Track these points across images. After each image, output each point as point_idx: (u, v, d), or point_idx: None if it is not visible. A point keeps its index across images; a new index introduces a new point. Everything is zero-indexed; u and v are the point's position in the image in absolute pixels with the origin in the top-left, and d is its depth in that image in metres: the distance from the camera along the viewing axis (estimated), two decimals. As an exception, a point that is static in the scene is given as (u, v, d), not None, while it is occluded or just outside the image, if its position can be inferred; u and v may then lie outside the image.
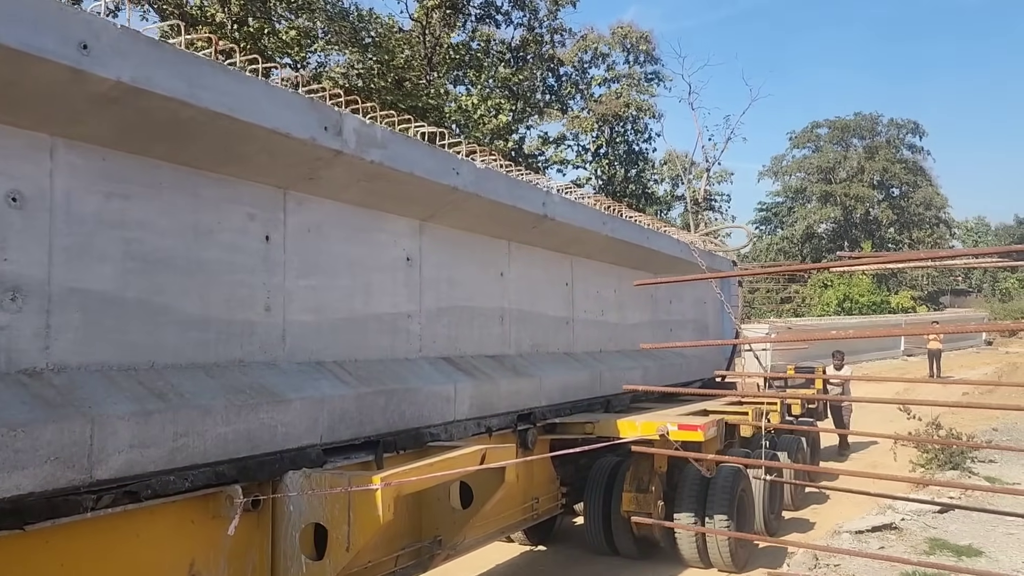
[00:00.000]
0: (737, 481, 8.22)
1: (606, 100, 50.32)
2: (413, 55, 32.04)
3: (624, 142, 51.67)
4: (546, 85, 47.46)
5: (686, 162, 56.37)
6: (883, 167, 63.91)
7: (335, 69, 28.15)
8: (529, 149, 45.93)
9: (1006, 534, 8.83)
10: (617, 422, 7.41)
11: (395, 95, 26.74)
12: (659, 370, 9.93)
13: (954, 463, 11.95)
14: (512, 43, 40.81)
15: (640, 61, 52.82)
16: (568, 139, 51.00)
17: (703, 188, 55.75)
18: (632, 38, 51.84)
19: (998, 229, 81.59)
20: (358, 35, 27.54)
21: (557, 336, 8.15)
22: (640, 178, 52.42)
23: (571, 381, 7.92)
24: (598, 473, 8.35)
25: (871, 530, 8.95)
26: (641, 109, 51.47)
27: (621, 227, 8.61)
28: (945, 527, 9.20)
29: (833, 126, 66.07)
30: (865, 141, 65.98)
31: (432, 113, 28.36)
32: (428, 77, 32.07)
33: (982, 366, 34.35)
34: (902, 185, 65.70)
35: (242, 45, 23.60)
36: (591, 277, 8.84)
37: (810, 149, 67.14)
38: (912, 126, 66.06)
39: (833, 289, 53.48)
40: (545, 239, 7.69)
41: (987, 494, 9.77)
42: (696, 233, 12.05)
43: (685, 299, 11.09)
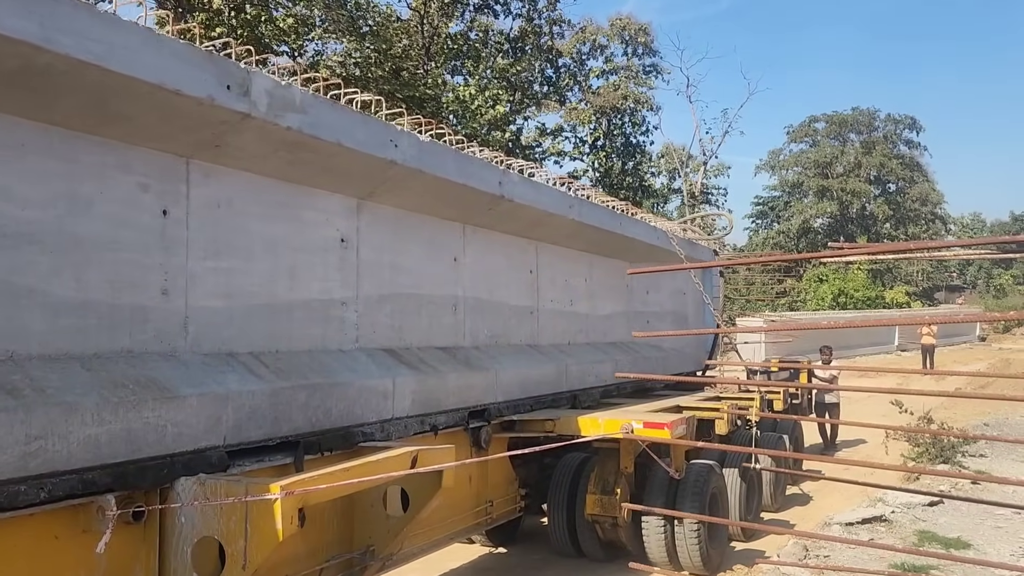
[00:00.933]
0: (708, 481, 7.60)
1: (604, 92, 49.70)
2: (411, 44, 31.62)
3: (622, 134, 51.07)
4: (544, 76, 46.82)
5: (683, 155, 55.68)
6: (880, 162, 63.05)
7: (332, 58, 27.76)
8: (526, 140, 45.36)
9: (994, 527, 8.76)
10: (579, 419, 6.78)
11: (392, 84, 26.42)
12: (632, 363, 9.30)
13: (945, 457, 11.80)
14: (510, 34, 40.34)
15: (638, 53, 52.15)
16: (566, 131, 50.43)
17: (700, 181, 55.07)
18: (630, 30, 51.15)
19: (993, 225, 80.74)
20: (356, 24, 27.18)
21: (520, 327, 7.52)
22: (637, 171, 51.81)
23: (533, 375, 7.30)
24: (562, 472, 7.72)
25: (861, 522, 8.81)
26: (639, 101, 50.85)
27: (590, 211, 7.97)
28: (935, 520, 9.10)
29: (830, 121, 65.18)
30: (862, 136, 65.08)
31: (429, 103, 28.05)
32: (425, 67, 31.68)
33: (975, 362, 33.80)
34: (898, 181, 64.84)
35: (239, 32, 23.10)
36: (559, 264, 8.21)
37: (807, 144, 66.25)
38: (909, 121, 65.19)
39: (828, 284, 52.81)
40: (505, 222, 7.06)
41: (976, 488, 9.75)
42: (676, 221, 11.38)
43: (663, 289, 10.46)
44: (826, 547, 7.87)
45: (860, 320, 34.78)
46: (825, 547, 7.87)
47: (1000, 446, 12.92)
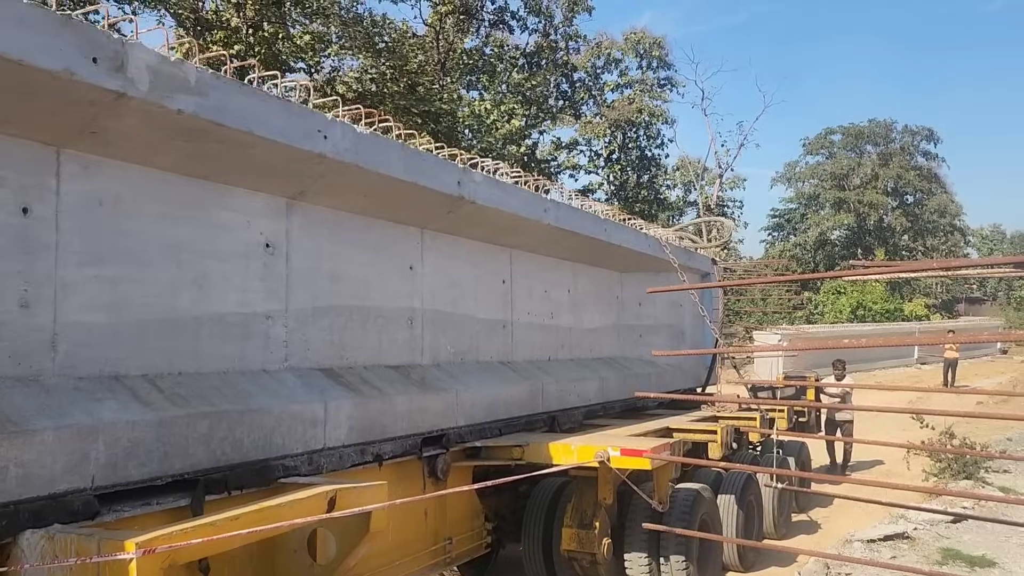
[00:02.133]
0: (696, 508, 6.75)
1: (619, 106, 49.01)
2: (426, 60, 31.42)
3: (636, 147, 50.32)
4: (559, 91, 46.29)
5: (699, 168, 54.75)
6: (897, 174, 61.60)
7: (349, 74, 27.52)
8: (542, 155, 44.77)
9: (1020, 545, 8.47)
10: (550, 446, 5.98)
11: (408, 100, 26.34)
12: (621, 381, 8.47)
13: (968, 473, 11.43)
14: (526, 49, 39.97)
15: (653, 67, 51.43)
16: (580, 144, 49.72)
17: (716, 194, 54.08)
18: (645, 44, 50.48)
19: (1014, 237, 78.77)
20: (372, 40, 27.18)
21: (490, 342, 6.74)
22: (652, 184, 51.06)
23: (503, 395, 6.51)
24: (537, 502, 6.90)
25: (883, 539, 8.55)
26: (654, 115, 50.10)
27: (569, 216, 7.17)
28: (958, 537, 8.81)
29: (847, 132, 63.81)
30: (879, 148, 63.59)
31: (445, 118, 27.83)
32: (441, 82, 31.44)
33: (997, 375, 32.60)
34: (916, 192, 63.34)
35: (256, 50, 22.77)
36: (537, 274, 7.43)
37: (824, 156, 64.87)
38: (927, 133, 63.71)
39: (847, 296, 51.58)
40: (471, 227, 6.29)
41: (1001, 505, 9.29)
42: (672, 228, 10.56)
43: (657, 302, 9.62)
44: (847, 566, 7.49)
45: (879, 337, 33.69)
46: (847, 566, 7.50)
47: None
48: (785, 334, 35.93)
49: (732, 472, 8.11)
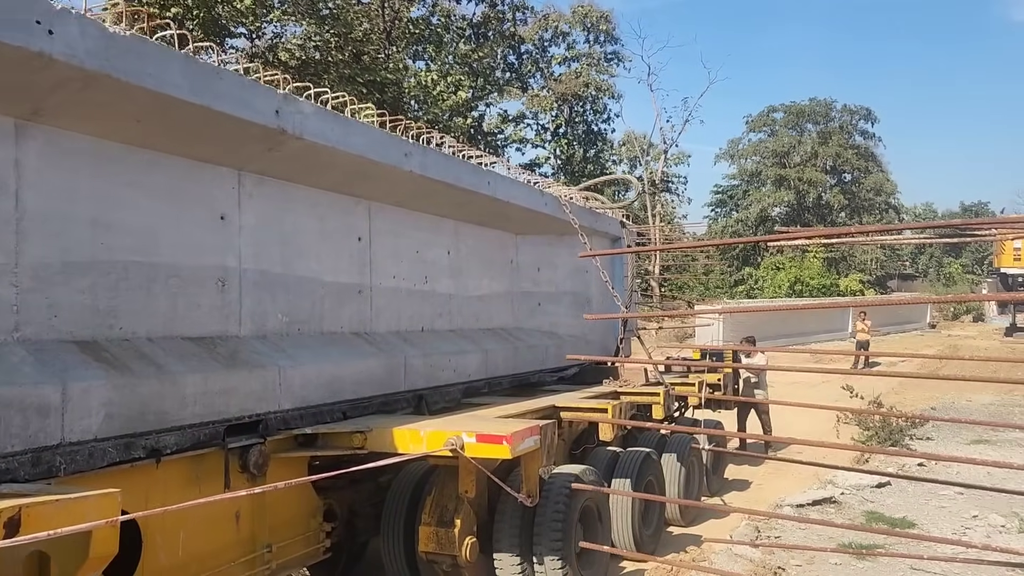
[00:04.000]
0: (572, 503, 5.70)
1: (566, 79, 47.98)
2: (372, 28, 29.98)
3: (583, 122, 49.42)
4: (506, 63, 45.13)
5: (644, 143, 53.86)
6: (836, 152, 61.33)
7: (292, 41, 26.09)
8: (488, 127, 43.60)
9: (938, 507, 8.75)
10: (394, 432, 4.86)
11: (353, 69, 25.21)
12: (512, 354, 7.40)
13: (893, 440, 11.78)
14: (473, 19, 38.67)
15: (600, 41, 50.44)
16: (527, 118, 48.66)
17: (661, 169, 53.28)
18: (592, 17, 49.37)
19: (945, 215, 79.50)
20: (315, 6, 25.66)
21: (340, 310, 5.58)
22: (599, 158, 50.20)
23: (350, 372, 5.36)
24: (398, 494, 5.78)
25: (812, 503, 8.75)
26: (600, 89, 49.19)
27: (438, 163, 6.00)
28: (882, 501, 9.07)
29: (788, 111, 63.27)
30: (819, 126, 63.14)
31: (391, 88, 26.77)
32: (387, 51, 30.09)
33: (925, 348, 32.44)
34: (854, 171, 63.19)
35: (195, 12, 21.09)
36: (406, 232, 6.28)
37: (766, 133, 64.29)
38: (864, 112, 63.40)
39: (785, 272, 51.44)
40: (308, 172, 5.11)
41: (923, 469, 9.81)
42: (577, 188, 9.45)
43: (559, 267, 8.51)
44: (776, 528, 7.70)
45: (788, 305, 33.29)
46: (776, 528, 7.70)
47: (945, 429, 12.93)
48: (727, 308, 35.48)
49: (628, 453, 7.13)
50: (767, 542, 7.26)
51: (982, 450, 11.68)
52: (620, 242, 9.34)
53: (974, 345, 32.60)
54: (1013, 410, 15.87)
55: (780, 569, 6.69)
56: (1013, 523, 7.99)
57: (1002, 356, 20.36)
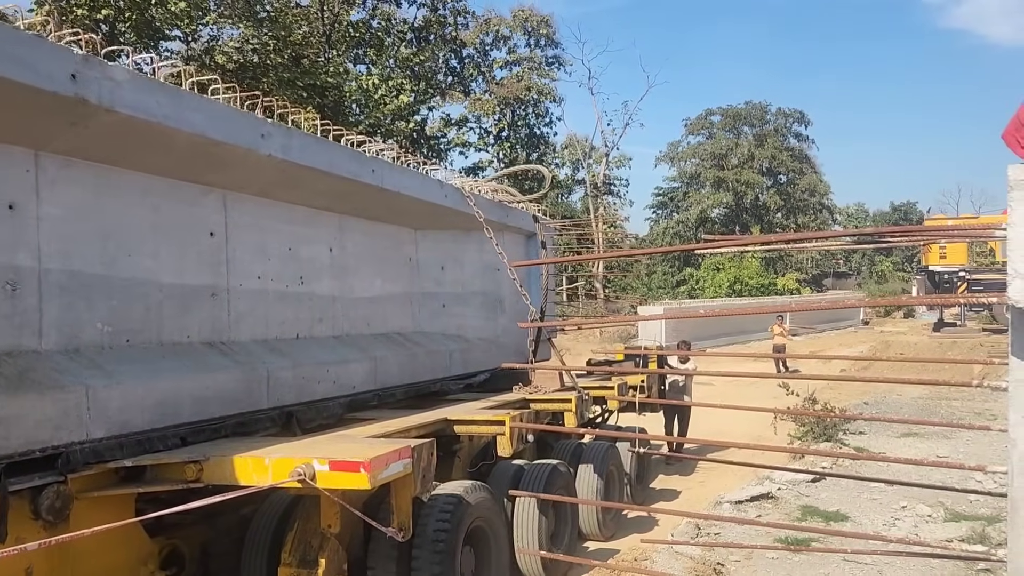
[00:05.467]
0: (456, 528, 4.93)
1: (508, 83, 47.40)
2: (311, 31, 29.08)
3: (526, 125, 48.86)
4: (448, 67, 44.39)
5: (586, 146, 53.57)
6: (771, 154, 61.80)
7: (228, 43, 24.99)
8: (431, 131, 42.72)
9: (870, 500, 8.88)
10: (236, 460, 4.03)
11: (292, 72, 24.46)
12: (408, 361, 6.60)
13: (828, 435, 11.89)
14: (414, 23, 37.88)
15: (541, 45, 50.07)
16: (470, 121, 47.81)
17: (603, 172, 53.03)
18: (533, 21, 48.94)
19: (876, 215, 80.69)
20: (252, 8, 24.84)
21: (187, 317, 4.72)
22: (541, 161, 49.55)
23: (193, 388, 4.50)
24: (260, 529, 4.96)
25: (750, 500, 8.76)
26: (542, 93, 48.73)
27: (306, 147, 5.17)
28: (817, 495, 9.18)
29: (725, 114, 63.56)
30: (755, 129, 63.60)
31: (331, 92, 26.02)
32: (327, 55, 29.14)
33: (859, 344, 32.55)
34: (789, 172, 63.76)
35: (127, 15, 19.86)
36: (273, 226, 5.43)
37: (704, 136, 64.49)
38: (798, 115, 64.05)
39: (724, 272, 51.55)
40: (131, 153, 4.24)
41: (856, 464, 9.95)
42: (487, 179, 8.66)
43: (466, 265, 7.71)
44: (717, 525, 7.73)
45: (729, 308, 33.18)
46: (716, 525, 7.73)
47: (877, 424, 13.03)
48: (668, 308, 35.26)
49: (534, 467, 6.40)
50: (706, 540, 7.32)
51: (911, 443, 11.91)
52: (534, 238, 8.59)
53: (905, 340, 32.76)
54: (940, 403, 15.81)
55: (719, 565, 6.76)
56: (939, 513, 8.26)
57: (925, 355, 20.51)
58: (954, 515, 8.15)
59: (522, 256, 8.53)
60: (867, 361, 22.31)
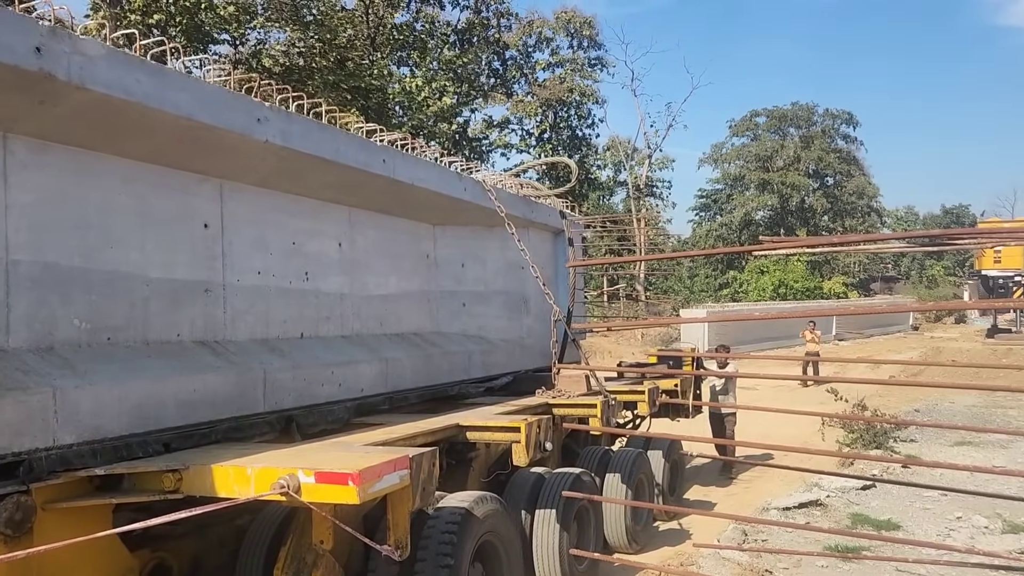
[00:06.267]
0: (463, 544, 4.50)
1: (550, 85, 46.98)
2: (356, 34, 29.22)
3: (568, 127, 48.35)
4: (491, 68, 44.14)
5: (628, 148, 52.85)
6: (818, 156, 60.37)
7: (275, 47, 25.25)
8: (473, 133, 42.62)
9: (923, 508, 8.57)
10: (215, 469, 3.66)
11: (337, 75, 24.70)
12: (423, 363, 6.19)
13: (878, 443, 11.48)
14: (457, 25, 37.81)
15: (584, 46, 49.54)
16: (512, 123, 47.47)
17: (645, 174, 52.28)
18: (576, 23, 48.45)
19: (926, 218, 78.36)
20: (299, 12, 24.89)
21: (176, 314, 4.38)
22: (583, 163, 49.05)
23: (179, 390, 4.14)
24: (255, 543, 4.61)
25: (798, 506, 8.54)
26: (584, 94, 48.17)
27: (308, 133, 4.79)
28: (867, 503, 8.88)
29: (771, 115, 62.29)
30: (801, 130, 62.21)
31: (375, 94, 26.10)
32: (371, 57, 29.20)
33: (908, 350, 31.34)
34: (836, 174, 62.24)
35: (178, 20, 20.17)
36: (274, 219, 5.06)
37: (749, 137, 63.26)
38: (846, 116, 62.52)
39: (769, 275, 50.41)
40: (112, 136, 3.91)
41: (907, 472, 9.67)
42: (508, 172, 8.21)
43: (489, 263, 7.26)
44: (764, 531, 7.61)
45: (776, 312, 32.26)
46: (763, 531, 7.61)
47: (929, 431, 12.66)
48: (711, 311, 34.56)
49: (555, 476, 5.96)
50: (754, 546, 7.14)
51: (965, 452, 11.41)
52: (562, 235, 8.13)
53: (956, 347, 31.46)
54: (995, 412, 15.12)
55: (768, 572, 6.57)
56: (996, 524, 7.89)
57: (978, 362, 19.72)
58: (1012, 526, 7.74)
59: (549, 254, 8.09)
60: (918, 366, 21.42)
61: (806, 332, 21.59)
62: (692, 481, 10.19)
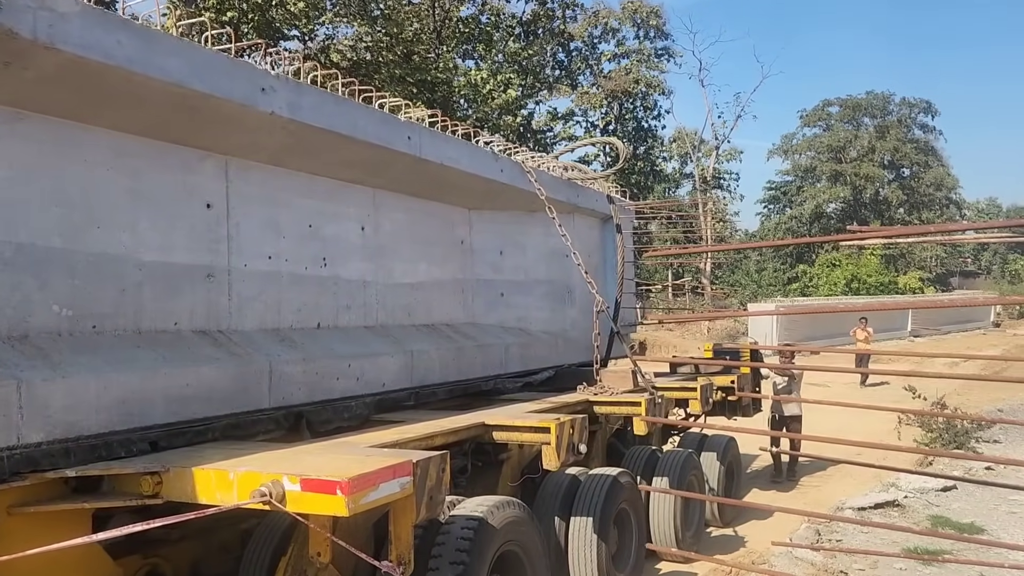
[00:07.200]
0: (479, 554, 4.02)
1: (616, 76, 46.10)
2: (422, 28, 29.14)
3: (633, 119, 47.35)
4: (556, 60, 43.55)
5: (695, 140, 51.50)
6: (894, 147, 57.69)
7: (343, 42, 25.51)
8: (537, 125, 42.08)
9: (1008, 512, 8.18)
10: (197, 472, 3.26)
11: (403, 68, 24.67)
12: (454, 356, 5.71)
13: (959, 442, 10.87)
14: (523, 17, 37.41)
15: (650, 36, 48.40)
16: (577, 115, 46.75)
17: (712, 166, 50.90)
18: (642, 13, 47.40)
19: (1009, 210, 74.10)
20: (367, 7, 24.98)
21: (173, 300, 4.00)
22: (649, 155, 48.01)
23: (168, 384, 3.75)
24: (258, 550, 4.22)
25: (874, 507, 8.22)
26: (651, 85, 47.07)
27: (320, 105, 4.34)
28: (948, 505, 8.48)
29: (844, 104, 59.77)
30: (876, 120, 59.51)
31: (441, 87, 25.97)
32: (437, 51, 29.11)
33: (988, 348, 29.57)
34: (913, 165, 59.37)
35: (249, 17, 20.47)
36: (288, 199, 4.64)
37: (821, 128, 60.85)
38: (924, 105, 59.52)
39: (841, 269, 48.48)
40: (95, 105, 3.54)
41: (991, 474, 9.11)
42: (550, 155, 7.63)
43: (529, 250, 6.73)
44: (839, 531, 7.34)
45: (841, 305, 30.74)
46: (838, 531, 7.33)
47: (1014, 431, 11.96)
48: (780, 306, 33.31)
49: (592, 479, 5.43)
50: (829, 545, 6.87)
51: None
52: (610, 222, 7.56)
53: (1041, 345, 29.60)
54: (1087, 411, 14.02)
55: (843, 573, 6.35)
56: None
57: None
58: (1109, 533, 7.37)
59: (596, 242, 7.54)
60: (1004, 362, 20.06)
61: (857, 330, 20.15)
62: (750, 485, 9.50)
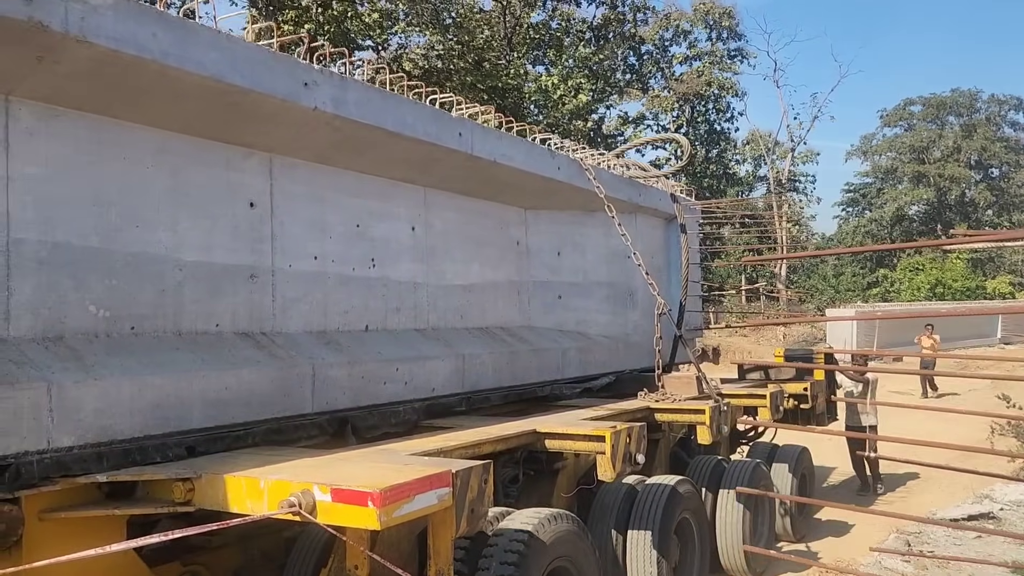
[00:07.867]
0: (528, 570, 3.76)
1: (687, 79, 45.25)
2: (493, 35, 29.42)
3: (705, 121, 46.40)
4: (626, 64, 43.05)
5: (769, 142, 50.12)
6: (982, 146, 54.89)
7: (415, 50, 25.94)
8: (608, 129, 41.66)
9: None
10: (228, 480, 3.11)
11: (475, 76, 25.02)
12: (508, 361, 5.46)
13: None
14: (593, 22, 37.18)
15: (723, 38, 47.37)
16: (648, 119, 46.05)
17: (787, 168, 49.41)
18: (715, 14, 46.43)
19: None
20: (439, 16, 25.35)
21: (215, 301, 3.87)
22: (721, 158, 47.00)
23: (206, 387, 3.61)
24: (302, 560, 4.05)
25: (966, 518, 7.87)
26: (723, 87, 46.07)
27: (367, 100, 4.14)
28: None
29: (928, 103, 57.23)
30: (962, 119, 56.78)
31: (511, 93, 26.14)
32: (507, 57, 29.36)
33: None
34: (1003, 165, 56.44)
35: (326, 28, 21.05)
36: (335, 198, 4.48)
37: (902, 127, 58.42)
38: (1015, 102, 56.48)
39: (925, 273, 46.29)
40: (132, 101, 3.43)
41: None
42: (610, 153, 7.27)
43: (589, 251, 6.42)
44: (928, 543, 7.01)
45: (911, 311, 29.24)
46: (928, 543, 7.01)
47: None
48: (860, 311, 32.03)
49: (649, 491, 5.10)
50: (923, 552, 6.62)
51: None
52: (674, 222, 7.20)
53: None
54: None
55: None
56: None
57: None
58: None
59: (659, 242, 7.19)
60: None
61: (923, 337, 18.85)
62: (826, 498, 8.94)
